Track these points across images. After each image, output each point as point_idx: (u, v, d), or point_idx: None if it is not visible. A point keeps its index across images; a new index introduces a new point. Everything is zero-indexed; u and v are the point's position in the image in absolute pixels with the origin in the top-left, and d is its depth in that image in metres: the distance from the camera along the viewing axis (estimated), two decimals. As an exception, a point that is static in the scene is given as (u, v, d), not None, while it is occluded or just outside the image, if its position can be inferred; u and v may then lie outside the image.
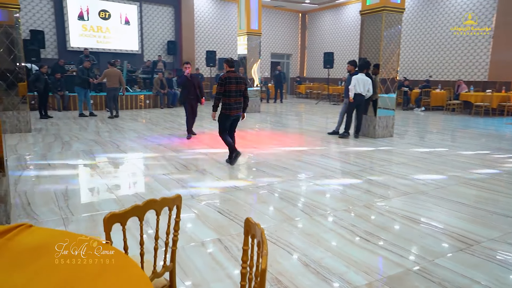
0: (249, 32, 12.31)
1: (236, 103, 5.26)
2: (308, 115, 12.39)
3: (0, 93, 7.56)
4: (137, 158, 5.84)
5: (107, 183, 4.46)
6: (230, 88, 5.14)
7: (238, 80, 5.21)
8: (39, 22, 13.55)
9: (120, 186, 4.39)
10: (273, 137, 7.96)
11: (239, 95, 5.26)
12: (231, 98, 5.19)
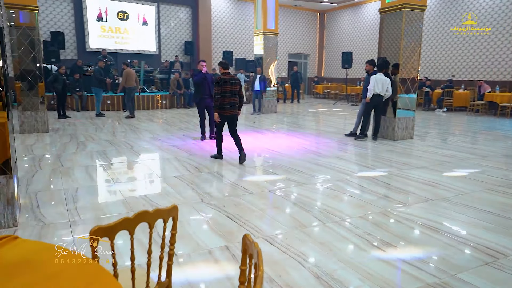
0: (266, 31, 12.17)
1: (231, 103, 5.44)
2: (325, 115, 12.16)
3: (19, 93, 7.67)
4: (149, 160, 5.78)
5: (117, 185, 4.40)
6: (225, 89, 5.33)
7: (232, 81, 5.39)
8: (59, 24, 13.78)
9: (130, 188, 4.32)
10: (288, 138, 7.80)
11: (234, 95, 5.45)
12: (226, 99, 5.38)
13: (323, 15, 20.97)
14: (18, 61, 7.61)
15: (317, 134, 8.37)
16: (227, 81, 5.34)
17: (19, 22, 7.50)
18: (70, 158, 5.68)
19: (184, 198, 3.98)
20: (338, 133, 8.40)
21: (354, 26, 19.04)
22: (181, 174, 4.89)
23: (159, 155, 6.12)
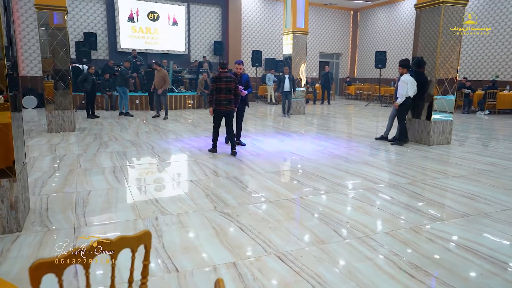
0: (295, 31, 11.82)
1: (226, 99, 5.85)
2: (356, 117, 11.65)
3: (52, 93, 7.78)
4: (167, 162, 5.63)
5: (131, 188, 4.25)
6: (220, 86, 5.78)
7: (227, 79, 5.81)
8: (92, 25, 14.06)
9: (142, 192, 4.16)
10: (315, 141, 7.44)
11: (229, 92, 5.85)
12: (221, 95, 5.81)
13: (357, 13, 20.31)
14: (47, 62, 7.71)
15: (346, 137, 7.95)
16: (222, 78, 5.78)
17: (48, 22, 7.59)
18: (90, 158, 5.62)
19: (197, 204, 3.76)
20: (368, 137, 7.95)
21: (388, 24, 18.29)
22: (197, 178, 4.69)
23: (178, 157, 5.96)
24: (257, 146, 6.86)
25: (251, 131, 8.56)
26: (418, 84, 7.00)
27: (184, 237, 3.02)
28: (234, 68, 6.81)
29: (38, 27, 7.61)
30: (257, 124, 9.88)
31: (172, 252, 2.75)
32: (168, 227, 3.19)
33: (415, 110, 7.27)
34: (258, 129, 8.94)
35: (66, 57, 7.81)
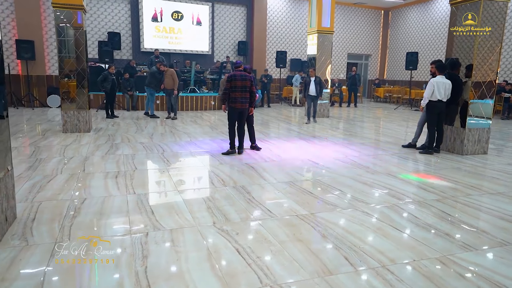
0: (320, 30, 11.32)
1: (242, 97, 5.90)
2: (385, 122, 11.01)
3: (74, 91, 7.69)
4: (175, 168, 5.32)
5: (128, 196, 3.96)
6: (236, 84, 5.85)
7: (243, 77, 5.86)
8: (116, 25, 14.10)
9: (140, 202, 3.85)
10: (336, 148, 6.95)
11: (245, 90, 5.90)
12: (237, 93, 5.86)
13: (388, 13, 19.48)
14: (64, 61, 7.62)
15: (370, 144, 7.40)
16: (237, 77, 5.84)
17: (65, 21, 7.50)
18: (96, 162, 5.40)
19: (195, 219, 3.41)
20: (395, 144, 7.37)
21: (421, 24, 17.38)
22: (202, 187, 4.34)
23: (187, 162, 5.65)
24: (273, 151, 6.46)
25: (270, 135, 8.16)
26: (452, 88, 6.37)
27: (171, 259, 2.67)
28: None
29: (56, 26, 7.52)
30: (277, 128, 9.47)
31: (154, 279, 2.40)
32: (157, 246, 2.85)
33: (448, 116, 6.64)
34: (278, 133, 8.53)
35: (82, 56, 7.70)
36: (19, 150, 6.03)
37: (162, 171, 5.05)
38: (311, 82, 9.98)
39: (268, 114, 12.50)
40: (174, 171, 5.06)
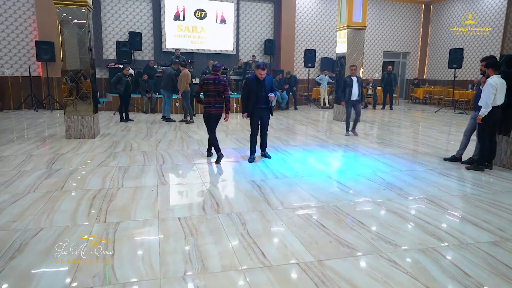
0: (351, 25, 10.26)
1: (216, 102, 5.69)
2: (423, 127, 9.77)
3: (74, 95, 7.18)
4: (167, 185, 4.56)
5: (94, 228, 3.22)
6: (208, 88, 5.64)
7: (216, 81, 5.61)
8: (138, 24, 13.67)
9: (104, 237, 3.10)
10: (364, 160, 5.95)
11: (218, 95, 5.66)
12: (210, 97, 5.67)
13: (429, 7, 17.92)
14: (66, 61, 7.11)
15: (406, 155, 6.32)
16: (210, 81, 5.62)
17: (69, 19, 6.98)
18: (81, 176, 4.75)
19: (163, 265, 2.60)
20: (436, 156, 6.25)
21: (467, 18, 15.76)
22: (189, 215, 3.54)
23: (184, 178, 4.87)
24: (287, 163, 5.57)
25: (290, 143, 7.26)
26: (507, 89, 5.20)
27: None
28: (258, 74, 5.60)
29: (58, 25, 7.00)
30: (300, 133, 8.54)
31: None
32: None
33: (503, 124, 5.47)
34: (299, 140, 7.60)
35: (86, 57, 7.15)
36: (8, 159, 5.51)
37: (151, 189, 4.30)
38: (352, 83, 7.88)
39: (294, 117, 11.57)
40: (164, 190, 4.29)
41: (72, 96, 7.21)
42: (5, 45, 11.89)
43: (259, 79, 5.67)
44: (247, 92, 5.67)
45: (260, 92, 5.73)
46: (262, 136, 5.94)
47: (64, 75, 7.17)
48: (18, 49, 12.04)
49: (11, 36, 11.90)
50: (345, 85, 7.96)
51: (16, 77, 11.97)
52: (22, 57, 12.10)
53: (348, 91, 7.86)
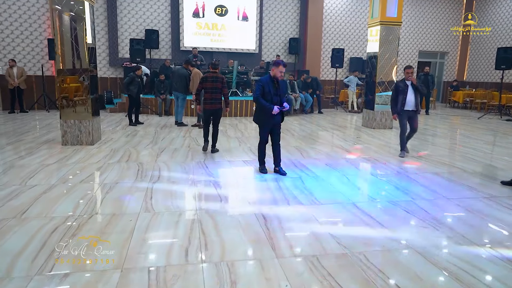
0: (384, 21, 9.12)
1: (212, 99, 6.07)
2: (466, 137, 8.50)
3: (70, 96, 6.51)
4: (151, 213, 3.70)
5: (41, 278, 2.40)
6: (206, 86, 6.07)
7: (213, 79, 6.04)
8: (156, 21, 13.00)
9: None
10: (398, 180, 4.90)
11: (216, 91, 6.07)
12: (207, 94, 6.08)
13: (471, 2, 16.35)
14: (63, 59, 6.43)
15: (450, 175, 5.20)
16: (208, 78, 6.09)
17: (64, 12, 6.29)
18: (54, 196, 3.98)
19: None
20: (489, 177, 5.10)
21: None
22: (164, 264, 2.66)
23: (172, 203, 3.97)
24: (304, 184, 4.61)
25: (310, 154, 6.29)
26: None
27: None
28: (277, 72, 4.75)
29: (52, 20, 6.33)
30: (323, 143, 7.52)
31: None
32: None
33: None
34: (321, 151, 6.61)
35: (84, 55, 6.45)
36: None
37: (129, 219, 3.45)
38: (407, 89, 6.10)
39: (318, 122, 10.55)
40: (145, 220, 3.43)
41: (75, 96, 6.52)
42: (19, 43, 11.51)
43: (274, 81, 4.85)
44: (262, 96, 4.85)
45: (275, 97, 4.88)
46: (274, 148, 5.09)
47: (60, 74, 6.49)
48: (32, 47, 11.64)
49: (24, 34, 11.51)
50: (398, 92, 6.18)
51: (29, 76, 11.56)
52: (36, 55, 11.69)
53: (401, 99, 6.11)
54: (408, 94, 6.05)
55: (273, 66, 4.88)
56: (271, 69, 4.91)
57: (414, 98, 6.05)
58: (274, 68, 4.86)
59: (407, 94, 6.05)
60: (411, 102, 6.05)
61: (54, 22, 6.29)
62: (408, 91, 6.05)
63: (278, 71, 4.79)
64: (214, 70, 6.17)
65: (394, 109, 6.25)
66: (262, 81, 4.85)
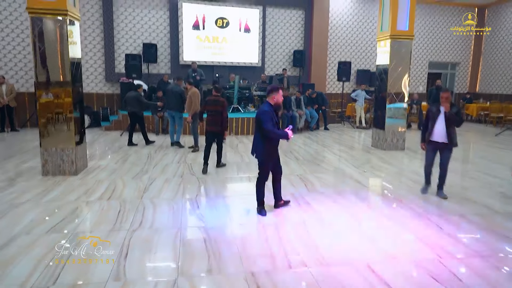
0: (395, 35, 8.47)
1: (212, 121, 6.26)
2: (486, 160, 7.77)
3: (52, 121, 5.93)
4: (120, 281, 3.06)
5: None
6: (208, 108, 6.31)
7: (215, 102, 6.27)
8: (154, 35, 12.49)
9: None
10: (417, 226, 4.23)
11: (215, 114, 6.23)
12: (208, 116, 6.28)
13: (483, 11, 15.69)
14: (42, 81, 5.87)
15: (479, 217, 4.50)
16: (209, 101, 6.30)
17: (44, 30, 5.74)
18: (11, 254, 3.35)
19: None
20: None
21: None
22: None
23: (149, 265, 3.34)
24: (309, 231, 3.94)
25: (315, 186, 5.63)
26: None
27: None
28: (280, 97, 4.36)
29: (32, 37, 5.77)
30: (329, 168, 6.84)
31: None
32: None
33: None
34: (328, 182, 5.94)
35: (65, 76, 5.88)
36: None
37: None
38: (438, 116, 5.00)
39: (324, 141, 9.89)
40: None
41: (49, 122, 5.94)
42: (11, 58, 11.05)
43: (274, 108, 4.37)
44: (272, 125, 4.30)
45: (276, 125, 4.37)
46: (277, 185, 4.61)
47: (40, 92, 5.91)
48: (25, 63, 11.17)
49: (17, 49, 11.04)
50: (428, 118, 5.18)
51: (21, 93, 11.06)
52: (29, 71, 11.21)
53: (430, 126, 5.09)
54: (437, 122, 5.01)
55: (273, 94, 4.33)
56: (271, 97, 4.35)
57: (445, 128, 4.95)
58: (275, 95, 4.33)
59: (437, 122, 5.01)
60: (439, 132, 4.98)
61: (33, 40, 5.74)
62: (438, 119, 5.01)
63: (280, 96, 4.34)
64: (217, 93, 6.38)
65: (423, 136, 5.27)
66: (270, 112, 4.24)
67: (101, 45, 11.93)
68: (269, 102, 4.37)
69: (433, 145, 5.12)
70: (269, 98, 4.38)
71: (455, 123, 4.94)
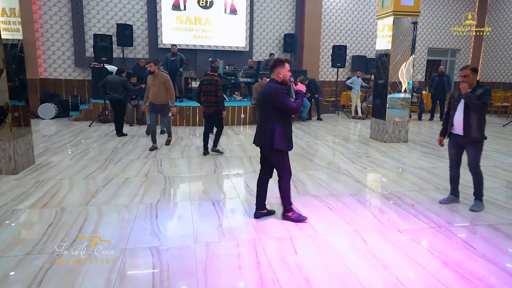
0: (398, 11, 7.43)
1: (207, 102, 6.11)
2: (502, 154, 6.82)
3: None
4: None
5: None
6: (203, 89, 6.12)
7: (208, 82, 6.06)
8: (129, 15, 11.27)
9: None
10: (431, 235, 3.26)
11: (210, 94, 6.05)
12: (203, 97, 6.14)
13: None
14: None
15: (506, 228, 3.54)
16: (204, 81, 6.13)
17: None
18: None
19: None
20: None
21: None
22: None
23: None
24: (296, 255, 2.94)
25: (307, 186, 4.63)
26: None
27: None
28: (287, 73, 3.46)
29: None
30: (322, 164, 5.84)
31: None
32: None
33: None
34: (321, 180, 4.95)
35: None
36: None
37: None
38: (458, 104, 3.90)
39: (316, 132, 8.88)
40: None
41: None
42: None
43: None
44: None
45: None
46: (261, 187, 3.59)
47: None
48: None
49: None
50: (449, 106, 4.09)
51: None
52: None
53: (451, 116, 4.02)
54: (457, 110, 3.90)
55: (278, 68, 3.37)
56: (276, 73, 3.38)
57: (464, 116, 3.83)
58: (280, 69, 3.37)
59: (457, 110, 3.91)
60: (458, 123, 3.89)
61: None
62: (458, 106, 3.90)
63: (286, 71, 3.40)
64: (213, 73, 6.15)
65: (443, 128, 4.17)
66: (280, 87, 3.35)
67: (69, 26, 10.70)
68: (274, 79, 3.35)
69: (454, 139, 4.03)
70: (274, 75, 3.38)
71: (474, 108, 3.76)
